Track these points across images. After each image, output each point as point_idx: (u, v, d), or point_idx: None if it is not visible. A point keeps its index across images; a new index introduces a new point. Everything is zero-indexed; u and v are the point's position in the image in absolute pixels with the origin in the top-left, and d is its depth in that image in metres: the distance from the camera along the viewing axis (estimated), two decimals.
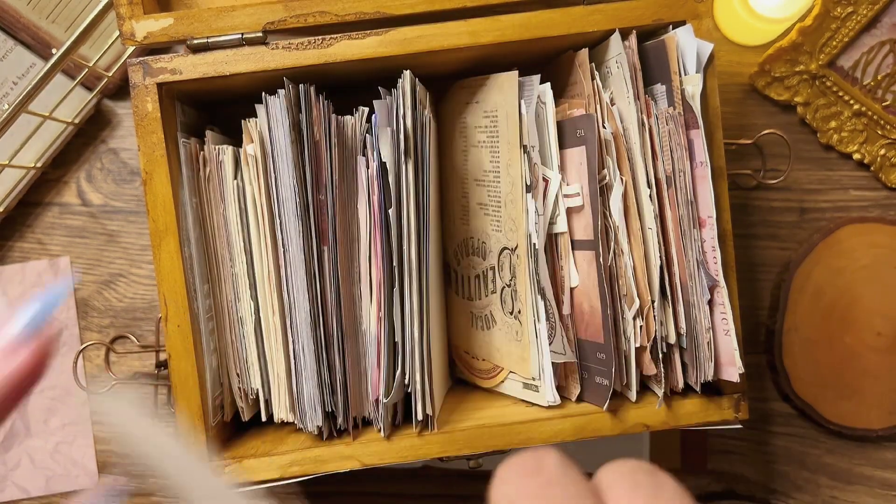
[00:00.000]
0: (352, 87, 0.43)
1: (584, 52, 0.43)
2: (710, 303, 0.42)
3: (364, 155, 0.43)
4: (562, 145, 0.43)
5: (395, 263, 0.41)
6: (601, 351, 0.43)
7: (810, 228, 0.59)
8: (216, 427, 0.45)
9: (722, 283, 0.42)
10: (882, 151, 0.57)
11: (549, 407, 0.45)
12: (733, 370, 0.42)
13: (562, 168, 0.43)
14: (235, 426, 0.49)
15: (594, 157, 0.41)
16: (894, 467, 0.59)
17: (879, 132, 0.57)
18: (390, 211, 0.40)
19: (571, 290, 0.44)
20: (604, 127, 0.41)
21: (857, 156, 0.58)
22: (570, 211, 0.43)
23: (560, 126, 0.42)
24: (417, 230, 0.41)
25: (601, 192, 0.42)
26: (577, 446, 0.42)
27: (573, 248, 0.44)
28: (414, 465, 0.59)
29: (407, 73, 0.40)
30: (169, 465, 0.25)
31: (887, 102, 0.56)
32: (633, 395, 0.44)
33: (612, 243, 0.42)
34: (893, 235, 0.56)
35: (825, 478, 0.59)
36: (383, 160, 0.41)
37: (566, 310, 0.44)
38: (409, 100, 0.40)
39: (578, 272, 0.44)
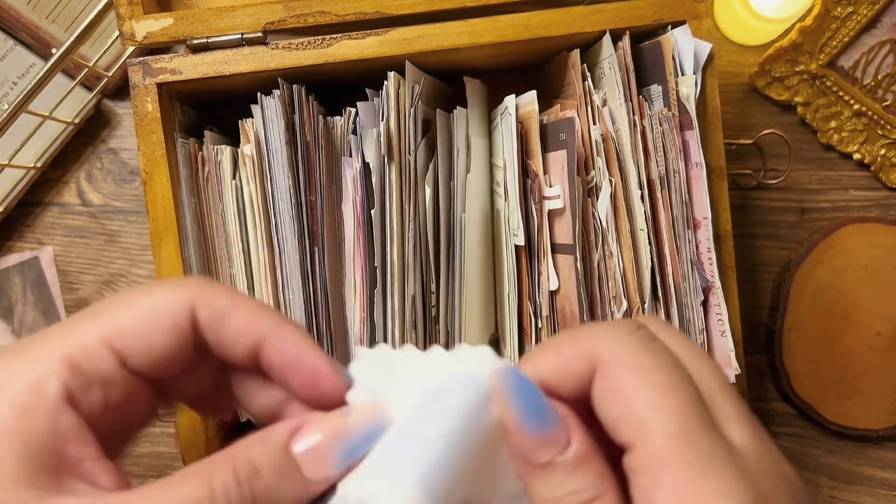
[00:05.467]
0: (358, 86, 0.43)
1: (576, 53, 0.43)
2: (705, 304, 0.42)
3: (350, 156, 0.43)
4: (546, 148, 0.42)
5: (376, 265, 0.41)
6: None
7: (810, 228, 0.59)
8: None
9: (717, 284, 0.42)
10: (882, 151, 0.57)
11: None
12: (730, 371, 0.42)
13: (545, 170, 0.43)
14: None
15: (574, 161, 0.40)
16: (895, 467, 0.59)
17: (879, 132, 0.57)
18: (373, 212, 0.40)
19: (551, 293, 0.43)
20: (594, 126, 0.41)
21: (857, 156, 0.58)
22: (551, 214, 0.43)
23: (545, 129, 0.42)
24: (402, 232, 0.41)
25: (589, 193, 0.42)
26: None
27: (553, 252, 0.43)
28: None
29: (392, 73, 0.40)
30: None
31: (887, 102, 0.56)
32: None
33: (602, 245, 0.42)
34: (893, 235, 0.56)
35: (825, 478, 0.59)
36: (367, 161, 0.41)
37: (545, 311, 0.44)
38: (392, 101, 0.40)
39: (559, 276, 0.43)
